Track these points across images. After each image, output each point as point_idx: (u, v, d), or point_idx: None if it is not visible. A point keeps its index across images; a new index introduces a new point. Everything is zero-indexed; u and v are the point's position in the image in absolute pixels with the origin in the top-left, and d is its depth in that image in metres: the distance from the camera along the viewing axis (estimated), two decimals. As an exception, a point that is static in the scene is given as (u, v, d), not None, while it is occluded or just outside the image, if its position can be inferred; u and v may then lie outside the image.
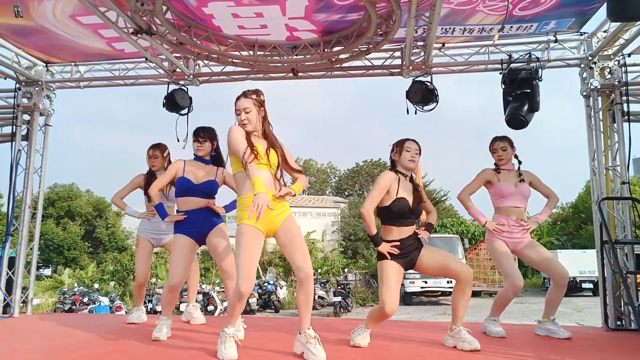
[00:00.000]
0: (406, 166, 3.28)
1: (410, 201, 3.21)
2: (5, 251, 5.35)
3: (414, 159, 3.26)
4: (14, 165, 5.44)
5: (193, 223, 3.58)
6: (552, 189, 3.90)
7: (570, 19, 4.59)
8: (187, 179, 3.62)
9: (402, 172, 3.29)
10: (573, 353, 3.23)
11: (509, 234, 3.70)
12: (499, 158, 3.86)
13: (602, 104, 4.76)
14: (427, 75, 5.14)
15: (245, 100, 3.02)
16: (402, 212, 3.18)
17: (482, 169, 3.90)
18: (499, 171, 3.84)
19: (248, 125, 3.00)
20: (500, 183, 3.77)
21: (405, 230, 3.22)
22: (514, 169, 3.87)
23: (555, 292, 3.69)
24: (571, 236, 25.82)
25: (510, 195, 3.74)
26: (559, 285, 3.65)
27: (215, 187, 3.72)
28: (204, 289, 13.22)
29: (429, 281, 15.81)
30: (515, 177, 3.81)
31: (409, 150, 3.27)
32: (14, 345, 3.64)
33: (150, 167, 4.33)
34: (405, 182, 3.27)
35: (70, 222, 27.78)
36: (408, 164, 3.27)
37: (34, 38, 5.00)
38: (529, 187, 3.83)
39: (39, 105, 5.61)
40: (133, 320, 4.30)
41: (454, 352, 3.19)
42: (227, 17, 4.45)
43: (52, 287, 17.82)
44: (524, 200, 3.77)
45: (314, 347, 2.85)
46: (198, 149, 3.72)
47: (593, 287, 17.89)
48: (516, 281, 3.59)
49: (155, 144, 4.39)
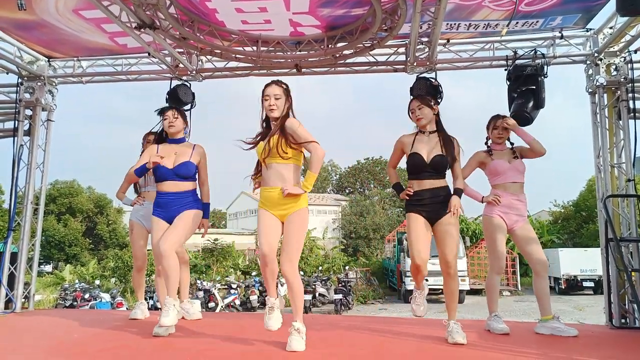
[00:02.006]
0: (416, 124, 3.51)
1: (426, 156, 3.34)
2: (7, 247, 5.34)
3: (419, 116, 3.44)
4: (16, 160, 5.42)
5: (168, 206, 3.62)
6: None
7: (576, 15, 4.56)
8: (162, 165, 3.64)
9: (420, 130, 3.49)
10: (578, 350, 3.21)
11: (506, 208, 3.70)
12: (498, 136, 3.84)
13: (608, 101, 4.73)
14: (431, 71, 5.11)
15: (276, 87, 3.19)
16: (416, 166, 3.37)
17: (475, 152, 3.91)
18: (491, 152, 3.85)
19: (275, 112, 3.15)
20: (494, 162, 3.79)
21: (424, 183, 3.36)
22: (506, 148, 3.87)
23: (537, 282, 3.69)
24: (572, 235, 25.77)
25: (505, 171, 3.75)
26: (537, 273, 3.66)
27: (190, 168, 3.72)
28: (205, 285, 13.21)
29: (430, 279, 15.75)
30: (509, 154, 3.82)
31: (413, 111, 3.51)
32: (17, 340, 3.63)
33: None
34: (423, 138, 3.44)
35: (71, 219, 27.78)
36: (416, 122, 3.50)
37: (36, 32, 4.97)
38: (523, 163, 3.82)
39: (41, 100, 5.59)
40: (136, 316, 4.29)
41: (457, 348, 3.18)
42: (230, 11, 4.42)
43: (53, 284, 17.82)
44: (519, 175, 3.76)
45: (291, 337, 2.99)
46: (170, 126, 3.78)
47: (594, 286, 17.89)
48: (501, 262, 3.70)
49: (154, 131, 4.39)
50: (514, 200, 3.72)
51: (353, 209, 30.25)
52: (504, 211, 3.71)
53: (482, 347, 3.27)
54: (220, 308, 12.22)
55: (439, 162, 3.32)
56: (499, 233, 3.69)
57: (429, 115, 3.44)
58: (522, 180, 3.79)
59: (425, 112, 3.44)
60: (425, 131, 3.45)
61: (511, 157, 3.81)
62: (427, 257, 3.32)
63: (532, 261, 3.67)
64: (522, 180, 3.79)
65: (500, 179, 3.77)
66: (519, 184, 3.77)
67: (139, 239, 4.24)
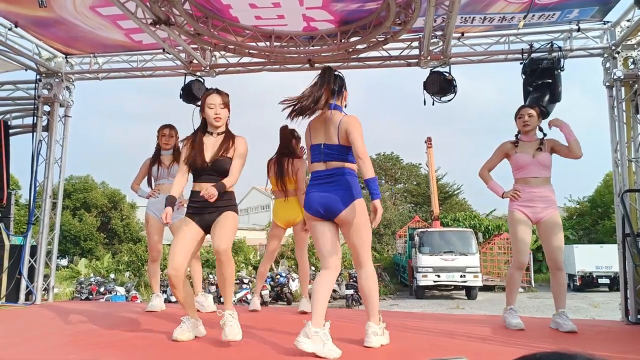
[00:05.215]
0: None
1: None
2: (27, 240, 5.46)
3: (527, 122, 3.77)
4: (35, 155, 5.53)
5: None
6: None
7: (593, 7, 4.50)
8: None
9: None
10: (593, 346, 3.19)
11: (528, 202, 3.65)
12: (524, 124, 3.78)
13: (625, 95, 4.66)
14: (445, 65, 5.08)
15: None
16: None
17: (501, 142, 3.88)
18: (517, 144, 3.81)
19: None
20: (517, 155, 3.75)
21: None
22: (535, 139, 3.80)
23: (552, 280, 3.70)
24: (588, 231, 25.43)
25: (527, 165, 3.70)
26: (551, 271, 3.66)
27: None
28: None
29: (442, 275, 15.73)
30: (534, 148, 3.74)
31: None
32: (38, 330, 3.72)
33: (161, 145, 4.42)
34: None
35: (86, 214, 28.16)
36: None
37: (54, 30, 5.05)
38: (549, 156, 3.72)
39: (59, 96, 5.69)
40: (153, 309, 4.36)
41: (473, 342, 3.18)
42: (244, 7, 4.44)
43: (69, 277, 18.12)
44: (542, 169, 3.68)
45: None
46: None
47: (609, 283, 17.65)
48: (520, 256, 3.66)
49: (169, 124, 4.50)
50: (537, 193, 3.65)
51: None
52: (525, 205, 3.66)
53: (497, 341, 3.28)
54: (232, 302, 12.33)
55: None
56: (519, 227, 3.66)
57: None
58: (546, 175, 3.69)
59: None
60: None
61: (536, 150, 3.72)
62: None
63: (547, 259, 3.67)
64: (546, 175, 3.69)
65: (522, 173, 3.72)
66: (542, 178, 3.68)
67: (152, 230, 4.33)
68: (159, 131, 4.47)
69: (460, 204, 33.00)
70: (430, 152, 20.47)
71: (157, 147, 4.49)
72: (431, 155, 20.48)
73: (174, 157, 4.41)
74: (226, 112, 3.20)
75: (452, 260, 15.85)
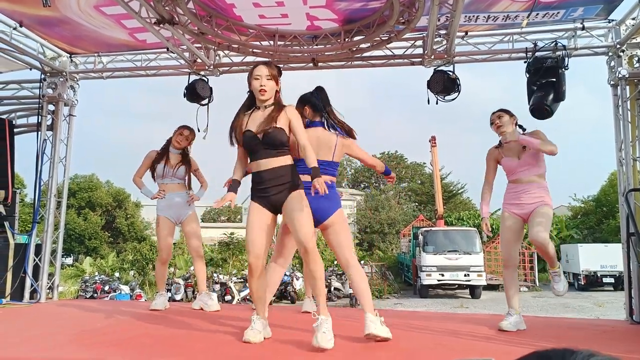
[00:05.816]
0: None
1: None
2: (32, 239, 5.49)
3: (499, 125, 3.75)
4: (40, 154, 5.56)
5: None
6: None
7: (598, 5, 4.47)
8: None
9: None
10: (597, 345, 3.18)
11: (516, 200, 3.68)
12: (497, 127, 3.78)
13: (630, 94, 4.63)
14: (449, 64, 5.07)
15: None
16: None
17: (487, 151, 3.90)
18: (503, 146, 3.81)
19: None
20: (504, 160, 3.77)
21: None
22: (517, 138, 3.74)
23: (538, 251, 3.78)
24: (592, 230, 25.30)
25: (515, 169, 3.72)
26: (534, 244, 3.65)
27: None
28: (221, 279, 13.37)
29: (446, 274, 15.71)
30: (519, 148, 3.72)
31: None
32: (42, 328, 3.74)
33: (174, 143, 4.38)
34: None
35: (90, 213, 28.31)
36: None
37: (58, 29, 5.07)
38: (535, 152, 3.68)
39: (64, 95, 5.71)
40: (157, 307, 4.38)
41: (476, 342, 3.18)
42: (248, 6, 4.44)
43: (74, 276, 18.20)
44: (531, 168, 3.67)
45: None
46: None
47: (614, 282, 17.57)
48: (504, 255, 3.75)
49: (191, 127, 4.53)
50: (526, 190, 3.65)
51: (368, 204, 30.19)
52: (513, 203, 3.70)
53: (502, 341, 3.27)
54: (237, 301, 12.37)
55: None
56: (504, 226, 3.74)
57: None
58: (536, 172, 3.68)
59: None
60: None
61: (521, 149, 3.72)
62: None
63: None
64: (536, 172, 3.68)
65: (513, 176, 3.75)
66: (532, 175, 3.68)
67: (162, 231, 4.31)
68: (179, 129, 4.42)
69: (464, 203, 32.94)
70: (434, 151, 20.45)
71: (168, 142, 4.41)
72: (435, 154, 20.45)
73: (182, 159, 4.38)
74: (273, 84, 3.00)
75: (456, 259, 15.83)
